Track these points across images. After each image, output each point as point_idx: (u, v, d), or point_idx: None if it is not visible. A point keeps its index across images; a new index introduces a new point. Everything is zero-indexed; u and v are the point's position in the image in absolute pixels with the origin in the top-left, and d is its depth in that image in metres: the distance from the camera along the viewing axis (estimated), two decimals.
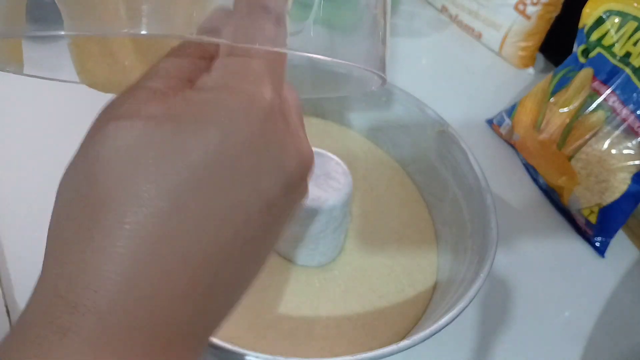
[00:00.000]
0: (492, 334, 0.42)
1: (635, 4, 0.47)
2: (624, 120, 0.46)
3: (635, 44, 0.47)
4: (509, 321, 0.44)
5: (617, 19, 0.48)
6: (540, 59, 0.71)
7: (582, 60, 0.52)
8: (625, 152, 0.47)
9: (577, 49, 0.52)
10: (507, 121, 0.57)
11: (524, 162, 0.56)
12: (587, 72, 0.50)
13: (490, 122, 0.60)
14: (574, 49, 0.53)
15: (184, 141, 0.17)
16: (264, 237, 0.19)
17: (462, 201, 0.42)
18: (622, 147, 0.47)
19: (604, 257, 0.50)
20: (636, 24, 0.47)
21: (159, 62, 0.19)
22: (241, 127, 0.18)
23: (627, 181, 0.46)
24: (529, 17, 0.64)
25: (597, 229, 0.49)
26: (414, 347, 0.30)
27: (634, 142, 0.46)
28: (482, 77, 0.68)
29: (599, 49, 0.50)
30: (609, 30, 0.49)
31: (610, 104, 0.48)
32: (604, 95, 0.48)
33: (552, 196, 0.54)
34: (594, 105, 0.49)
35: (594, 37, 0.50)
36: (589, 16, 0.51)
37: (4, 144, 0.47)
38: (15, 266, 0.39)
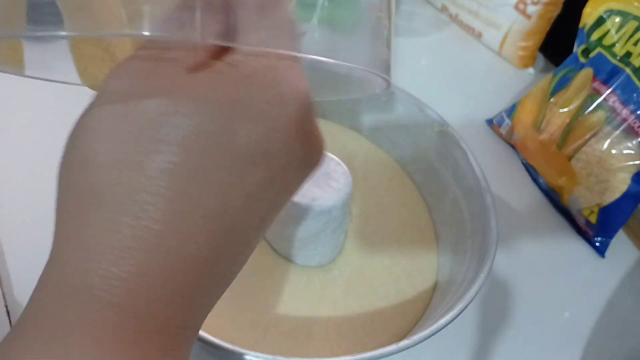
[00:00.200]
0: (492, 334, 0.42)
1: (636, 4, 0.47)
2: (624, 120, 0.46)
3: (635, 44, 0.46)
4: (509, 321, 0.44)
5: (617, 19, 0.48)
6: (540, 59, 0.71)
7: (582, 60, 0.52)
8: (625, 152, 0.47)
9: (578, 49, 0.52)
10: (507, 121, 0.57)
11: (524, 162, 0.56)
12: (587, 72, 0.50)
13: (490, 122, 0.60)
14: (574, 49, 0.53)
15: (232, 127, 0.16)
16: (259, 227, 0.18)
17: (462, 201, 0.42)
18: (622, 147, 0.47)
19: (604, 257, 0.50)
20: (637, 24, 0.47)
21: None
22: (289, 116, 0.17)
23: (627, 181, 0.46)
24: (529, 17, 0.64)
25: (597, 229, 0.49)
26: (414, 347, 0.30)
27: (634, 142, 0.46)
28: (482, 77, 0.68)
29: (599, 49, 0.50)
30: (610, 30, 0.49)
31: (610, 104, 0.48)
32: (604, 95, 0.48)
33: (552, 196, 0.54)
34: (594, 105, 0.49)
35: (595, 36, 0.50)
36: (589, 16, 0.51)
37: (5, 144, 0.47)
38: (15, 266, 0.39)
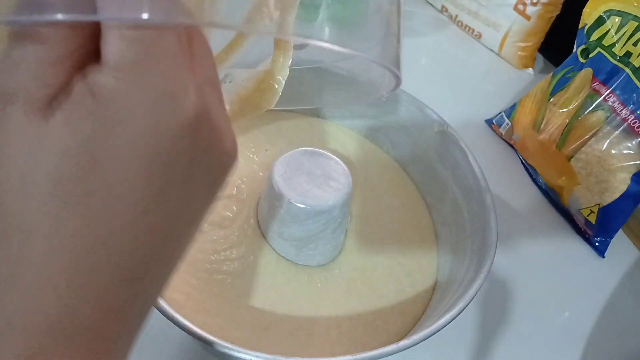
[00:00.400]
0: (492, 334, 0.42)
1: (635, 4, 0.47)
2: (624, 120, 0.46)
3: (635, 44, 0.46)
4: (509, 321, 0.44)
5: (617, 19, 0.48)
6: (540, 59, 0.71)
7: (582, 60, 0.52)
8: (625, 152, 0.47)
9: (577, 49, 0.52)
10: (507, 121, 0.57)
11: (524, 162, 0.56)
12: (587, 72, 0.50)
13: (489, 122, 0.60)
14: (574, 49, 0.53)
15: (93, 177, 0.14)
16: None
17: (461, 201, 0.42)
18: (622, 147, 0.47)
19: (603, 257, 0.50)
20: (636, 24, 0.47)
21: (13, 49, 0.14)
22: (163, 147, 0.15)
23: (627, 181, 0.46)
24: (528, 17, 0.64)
25: (597, 229, 0.49)
26: (414, 347, 0.30)
27: (634, 142, 0.46)
28: (482, 78, 0.68)
29: (599, 49, 0.50)
30: (609, 30, 0.49)
31: (610, 104, 0.48)
32: (604, 95, 0.48)
33: (552, 196, 0.54)
34: (594, 105, 0.49)
35: (594, 37, 0.50)
36: (589, 16, 0.51)
37: None
38: None
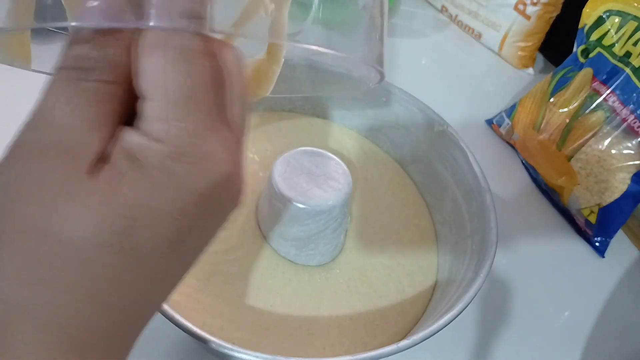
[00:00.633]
0: (492, 334, 0.42)
1: (635, 4, 0.47)
2: (624, 120, 0.46)
3: (635, 44, 0.47)
4: (509, 321, 0.44)
5: (617, 19, 0.48)
6: (540, 59, 0.71)
7: (582, 60, 0.52)
8: (625, 152, 0.47)
9: (577, 49, 0.52)
10: (507, 121, 0.57)
11: (524, 162, 0.56)
12: (587, 72, 0.50)
13: (490, 122, 0.60)
14: (574, 49, 0.53)
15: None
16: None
17: (461, 201, 0.42)
18: (621, 147, 0.47)
19: (603, 257, 0.50)
20: (636, 24, 0.47)
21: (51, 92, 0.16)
22: (191, 209, 0.16)
23: (627, 181, 0.46)
24: (528, 17, 0.64)
25: (596, 229, 0.49)
26: (414, 347, 0.30)
27: (634, 142, 0.46)
28: (482, 78, 0.68)
29: (599, 49, 0.50)
30: (609, 30, 0.49)
31: (610, 104, 0.48)
32: (604, 95, 0.48)
33: (552, 196, 0.54)
34: (594, 105, 0.49)
35: (594, 37, 0.50)
36: (589, 16, 0.51)
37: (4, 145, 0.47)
38: None
